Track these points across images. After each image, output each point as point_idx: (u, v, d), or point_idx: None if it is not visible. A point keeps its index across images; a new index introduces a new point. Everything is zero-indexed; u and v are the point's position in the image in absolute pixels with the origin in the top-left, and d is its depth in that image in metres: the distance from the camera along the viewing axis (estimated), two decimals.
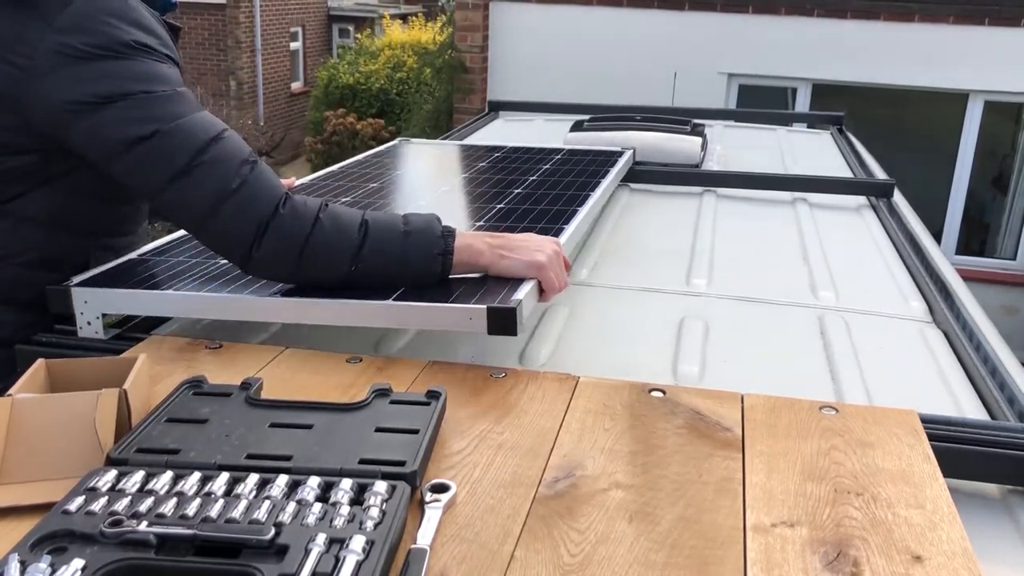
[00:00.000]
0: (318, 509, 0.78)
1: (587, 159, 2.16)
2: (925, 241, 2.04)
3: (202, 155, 1.13)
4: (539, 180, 1.91)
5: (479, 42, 6.89)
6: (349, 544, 0.72)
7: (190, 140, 1.13)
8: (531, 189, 1.82)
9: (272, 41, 13.61)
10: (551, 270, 1.21)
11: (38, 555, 0.71)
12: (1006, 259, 6.70)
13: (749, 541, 0.78)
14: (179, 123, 1.13)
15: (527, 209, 1.64)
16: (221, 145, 1.15)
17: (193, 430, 0.92)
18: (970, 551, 0.77)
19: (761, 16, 6.35)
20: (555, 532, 0.79)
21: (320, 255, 1.15)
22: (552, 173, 1.98)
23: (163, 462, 0.86)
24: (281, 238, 1.14)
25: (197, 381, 1.02)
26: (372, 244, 1.16)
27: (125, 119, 1.12)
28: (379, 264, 1.16)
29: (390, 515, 0.77)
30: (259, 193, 1.14)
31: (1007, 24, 6.00)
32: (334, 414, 0.96)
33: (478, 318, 1.10)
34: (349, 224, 1.16)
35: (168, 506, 0.78)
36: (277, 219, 1.13)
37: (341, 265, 1.15)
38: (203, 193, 1.13)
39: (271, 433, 0.92)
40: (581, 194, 1.74)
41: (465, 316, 1.11)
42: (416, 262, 1.17)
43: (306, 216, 1.15)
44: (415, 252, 1.16)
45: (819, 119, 3.86)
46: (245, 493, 0.80)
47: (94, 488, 0.81)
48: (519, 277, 1.19)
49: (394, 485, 0.81)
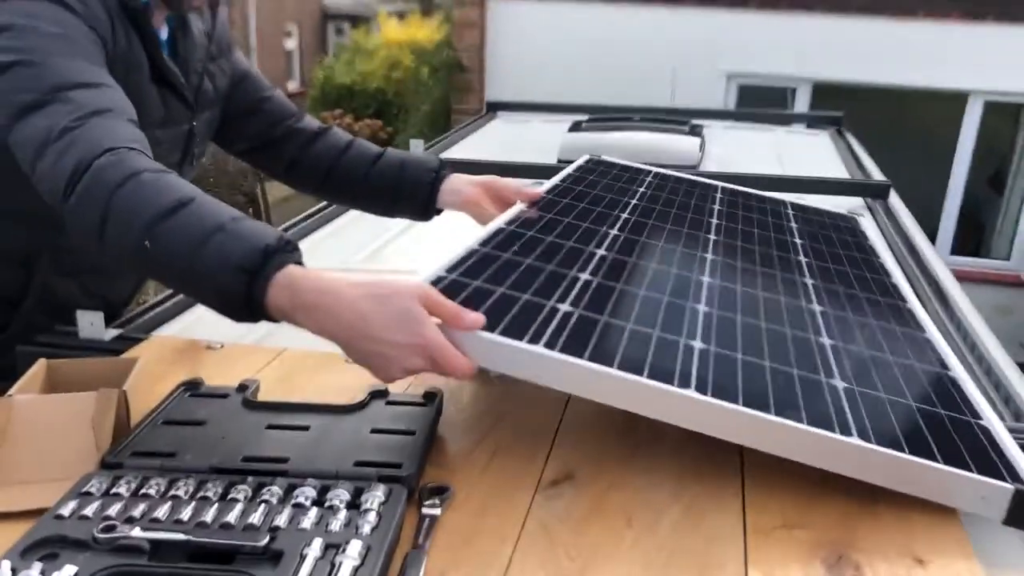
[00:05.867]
0: (314, 514, 0.77)
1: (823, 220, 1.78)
2: (920, 242, 2.05)
3: (57, 94, 1.01)
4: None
5: (476, 40, 6.89)
6: (346, 549, 0.72)
7: (53, 76, 1.03)
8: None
9: (267, 40, 13.59)
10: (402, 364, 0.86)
11: (29, 562, 0.70)
12: (1001, 259, 6.71)
13: (749, 543, 0.78)
14: (53, 59, 1.04)
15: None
16: (83, 92, 1.03)
17: (190, 433, 0.92)
18: (971, 554, 0.78)
19: (761, 14, 6.34)
20: (554, 534, 0.79)
21: (122, 211, 0.92)
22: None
23: (158, 465, 0.85)
24: (93, 182, 0.94)
25: (194, 383, 1.01)
26: (179, 221, 0.90)
27: (1, 48, 1.05)
28: (173, 248, 0.90)
29: (387, 519, 0.77)
30: (91, 137, 0.98)
31: (1010, 22, 5.98)
32: (331, 416, 0.96)
33: (996, 500, 0.82)
34: (169, 191, 0.93)
35: (162, 510, 0.77)
36: (96, 165, 0.95)
37: (134, 231, 0.90)
38: (37, 132, 1.00)
39: (268, 435, 0.92)
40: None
41: (976, 492, 0.83)
42: (210, 263, 0.88)
43: (129, 167, 0.95)
44: (215, 252, 0.88)
45: (818, 120, 3.87)
46: (240, 497, 0.80)
47: (88, 492, 0.80)
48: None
49: (391, 488, 0.81)
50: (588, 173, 1.76)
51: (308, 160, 1.48)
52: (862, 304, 1.27)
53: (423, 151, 2.72)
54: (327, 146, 1.49)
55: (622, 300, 1.07)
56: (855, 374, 1.00)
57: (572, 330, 0.94)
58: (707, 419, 0.86)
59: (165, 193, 0.92)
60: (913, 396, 0.98)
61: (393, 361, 0.85)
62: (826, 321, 1.16)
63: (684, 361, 0.93)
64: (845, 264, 1.47)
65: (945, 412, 0.95)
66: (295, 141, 1.48)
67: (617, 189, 1.66)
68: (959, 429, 0.92)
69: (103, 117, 1.01)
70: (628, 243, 1.31)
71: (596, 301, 1.04)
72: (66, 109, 1.00)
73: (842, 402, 0.92)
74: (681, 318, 1.06)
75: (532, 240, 1.23)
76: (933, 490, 0.83)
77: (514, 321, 0.93)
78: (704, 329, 1.03)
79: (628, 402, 0.87)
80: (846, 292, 1.31)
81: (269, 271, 0.87)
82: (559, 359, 0.88)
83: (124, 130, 1.02)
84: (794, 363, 0.99)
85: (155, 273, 0.95)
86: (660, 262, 1.26)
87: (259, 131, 1.48)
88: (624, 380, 0.87)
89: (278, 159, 1.49)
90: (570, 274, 1.12)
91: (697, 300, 1.13)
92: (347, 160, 1.48)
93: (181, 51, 1.32)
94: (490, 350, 0.89)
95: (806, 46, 6.30)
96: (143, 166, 0.95)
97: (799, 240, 1.56)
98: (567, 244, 1.24)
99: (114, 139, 0.98)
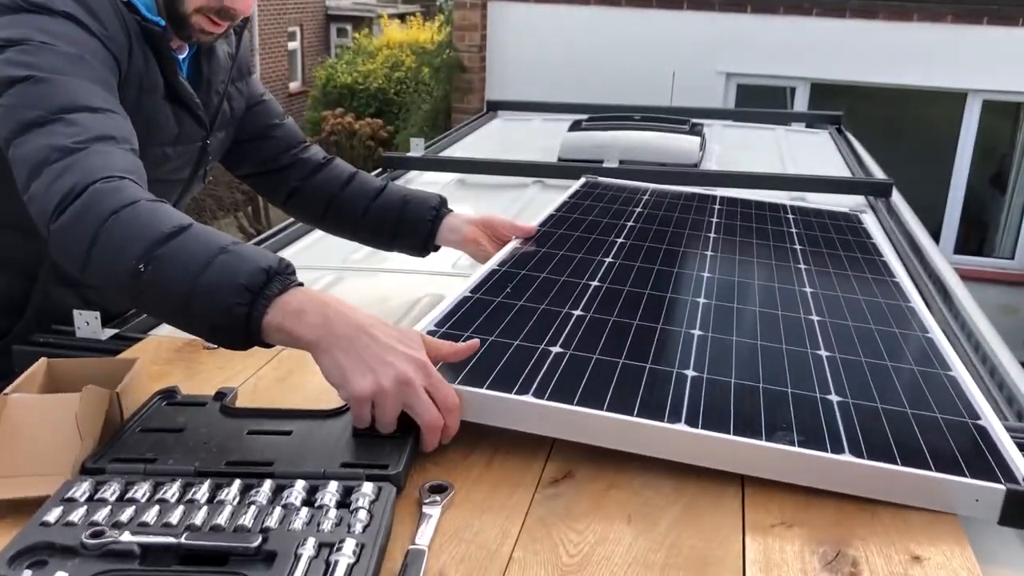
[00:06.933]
0: (305, 513, 0.76)
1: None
2: (923, 241, 2.05)
3: (62, 115, 1.01)
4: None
5: (477, 41, 6.90)
6: (340, 548, 0.71)
7: (61, 96, 1.02)
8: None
9: (270, 41, 13.61)
10: (382, 402, 0.86)
11: (18, 570, 0.69)
12: (1004, 259, 6.71)
13: (748, 541, 0.78)
14: (64, 79, 1.04)
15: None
16: (88, 116, 1.02)
17: (169, 439, 0.90)
18: (969, 551, 0.77)
19: (759, 15, 6.35)
20: (554, 532, 0.79)
21: (116, 237, 0.92)
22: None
23: (141, 470, 0.84)
24: (87, 206, 0.94)
25: (170, 391, 1.00)
26: (178, 245, 0.91)
27: (13, 61, 1.05)
28: (173, 273, 0.90)
29: (378, 517, 0.76)
30: (90, 163, 0.97)
31: (1005, 23, 6.00)
32: (313, 421, 0.94)
33: (989, 501, 0.82)
34: (166, 219, 0.93)
35: (150, 514, 0.76)
36: (93, 189, 0.95)
37: (129, 256, 0.90)
38: (37, 151, 0.99)
39: (250, 440, 0.90)
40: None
41: (969, 495, 0.83)
42: (211, 284, 0.88)
43: (127, 196, 0.95)
44: (218, 273, 0.89)
45: (818, 119, 3.87)
46: (229, 499, 0.78)
47: (72, 499, 0.78)
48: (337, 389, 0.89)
49: (380, 487, 0.80)
50: (584, 198, 1.77)
51: (310, 190, 1.50)
52: (862, 309, 1.26)
53: (423, 150, 2.72)
54: (329, 177, 1.50)
55: (615, 334, 1.08)
56: (851, 386, 1.01)
57: (563, 373, 0.96)
58: (698, 451, 0.88)
59: (164, 220, 0.93)
60: (909, 402, 0.98)
61: (389, 366, 0.86)
62: (824, 332, 1.16)
63: (676, 393, 0.94)
64: (846, 267, 1.47)
65: (941, 415, 0.96)
66: (299, 170, 1.50)
67: (613, 212, 1.67)
68: (954, 432, 0.92)
69: (104, 143, 1.01)
70: (623, 270, 1.32)
71: (588, 338, 1.06)
72: (69, 131, 1.00)
73: (835, 417, 0.93)
74: (675, 347, 1.07)
75: (525, 279, 1.24)
76: (927, 498, 0.83)
77: (503, 371, 0.96)
78: (698, 355, 1.05)
79: (619, 442, 0.89)
80: (846, 298, 1.30)
81: (272, 291, 0.89)
82: (547, 406, 0.90)
83: (123, 159, 1.01)
84: (789, 381, 1.00)
85: (147, 298, 0.94)
86: (655, 287, 1.27)
87: (266, 157, 1.49)
88: (613, 421, 0.88)
89: (281, 186, 1.51)
90: (563, 311, 1.13)
91: (692, 325, 1.14)
92: (348, 193, 1.50)
93: (205, 72, 1.34)
94: (480, 404, 0.91)
95: (804, 46, 6.30)
96: (140, 196, 0.96)
97: (799, 246, 1.56)
98: (560, 279, 1.25)
99: (112, 167, 0.98)
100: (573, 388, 0.93)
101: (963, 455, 0.87)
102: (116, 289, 0.95)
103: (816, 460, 0.85)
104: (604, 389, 0.93)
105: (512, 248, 1.38)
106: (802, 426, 0.90)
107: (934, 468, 0.84)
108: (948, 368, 1.09)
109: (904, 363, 1.08)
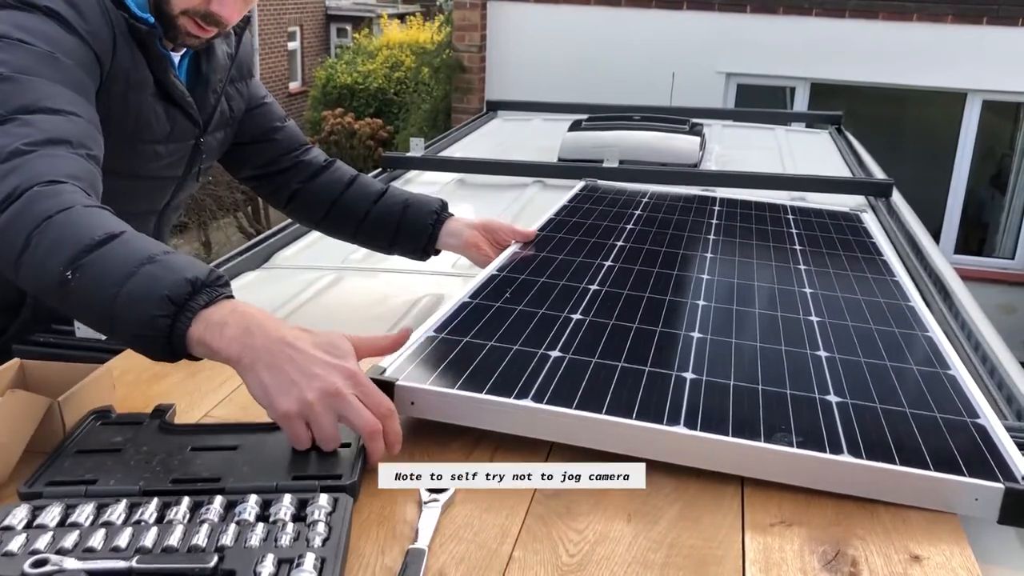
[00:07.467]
0: (261, 529, 0.73)
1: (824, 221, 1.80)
2: (923, 240, 2.05)
3: (19, 115, 0.98)
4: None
5: (477, 41, 6.90)
6: (300, 564, 0.69)
7: (23, 97, 1.00)
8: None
9: (270, 41, 13.61)
10: (314, 418, 0.83)
11: None
12: (1005, 259, 6.71)
13: (747, 540, 0.78)
14: (29, 79, 1.01)
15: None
16: (46, 118, 1.00)
17: (108, 459, 0.85)
18: (968, 550, 0.77)
19: (759, 16, 6.36)
20: (553, 532, 0.79)
21: (46, 242, 0.89)
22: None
23: (82, 491, 0.79)
24: (21, 210, 0.91)
25: (104, 411, 0.96)
26: (105, 253, 0.88)
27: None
28: (98, 280, 0.87)
29: (337, 529, 0.74)
30: (36, 166, 0.95)
31: (1005, 23, 6.00)
32: (259, 434, 0.91)
33: (988, 500, 0.82)
34: (98, 226, 0.90)
35: (96, 538, 0.71)
36: (32, 192, 0.92)
37: (57, 262, 0.88)
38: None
39: (194, 456, 0.86)
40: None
41: (969, 495, 0.83)
42: (134, 295, 0.85)
43: (64, 200, 0.92)
44: (142, 283, 0.85)
45: (818, 119, 3.88)
46: (179, 518, 0.74)
47: (8, 527, 0.73)
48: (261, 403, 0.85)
49: (336, 497, 0.78)
50: (583, 202, 1.77)
51: (311, 193, 1.50)
52: (862, 309, 1.26)
53: (423, 150, 2.72)
54: (331, 181, 1.50)
55: (614, 337, 1.08)
56: (850, 386, 1.01)
57: (562, 377, 0.96)
58: (697, 453, 0.88)
59: (96, 227, 0.90)
60: (908, 401, 0.98)
61: (314, 378, 0.82)
62: (823, 333, 1.16)
63: (675, 395, 0.94)
64: (846, 267, 1.47)
65: (940, 415, 0.95)
66: (300, 173, 1.50)
67: (613, 215, 1.67)
68: (954, 431, 0.92)
69: (56, 147, 0.98)
70: (622, 273, 1.32)
71: (587, 342, 1.06)
72: (22, 132, 0.97)
73: (835, 417, 0.92)
74: (674, 349, 1.07)
75: (524, 284, 1.24)
76: (926, 497, 0.83)
77: (502, 376, 0.95)
78: (697, 357, 1.05)
79: (618, 445, 0.89)
80: (846, 298, 1.30)
81: (196, 304, 0.85)
82: (545, 411, 0.89)
83: (71, 164, 0.98)
84: (788, 382, 1.00)
85: (73, 305, 0.91)
86: (654, 290, 1.26)
87: (267, 160, 1.49)
88: (612, 424, 0.88)
89: (282, 189, 1.51)
90: (562, 315, 1.13)
91: (691, 328, 1.14)
92: (349, 196, 1.50)
93: (204, 70, 1.33)
94: (480, 409, 0.91)
95: (804, 46, 6.31)
96: (76, 201, 0.93)
97: (799, 247, 1.56)
98: (560, 283, 1.25)
99: (56, 171, 0.95)
100: (572, 392, 0.93)
101: (962, 454, 0.87)
102: (46, 295, 0.91)
103: (815, 461, 0.85)
104: (603, 392, 0.93)
105: (512, 252, 1.38)
106: (801, 427, 0.90)
107: (933, 468, 0.84)
108: (948, 368, 1.09)
109: (904, 363, 1.08)
